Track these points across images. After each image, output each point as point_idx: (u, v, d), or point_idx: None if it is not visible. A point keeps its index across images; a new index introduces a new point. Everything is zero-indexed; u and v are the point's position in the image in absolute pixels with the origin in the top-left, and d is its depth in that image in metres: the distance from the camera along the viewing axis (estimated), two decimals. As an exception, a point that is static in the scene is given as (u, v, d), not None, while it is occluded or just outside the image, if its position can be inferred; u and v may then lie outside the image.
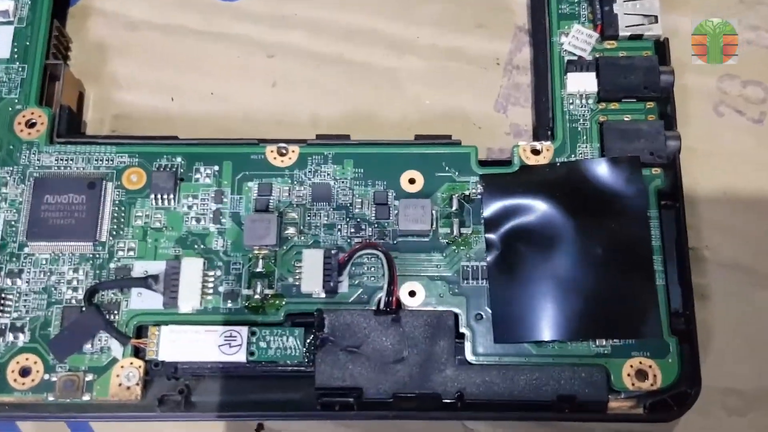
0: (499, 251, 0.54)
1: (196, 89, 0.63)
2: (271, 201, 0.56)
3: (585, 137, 0.57)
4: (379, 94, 0.63)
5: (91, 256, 0.55)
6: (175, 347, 0.52)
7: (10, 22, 0.60)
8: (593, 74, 0.58)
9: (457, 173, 0.57)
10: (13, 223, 0.55)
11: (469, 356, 0.52)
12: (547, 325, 0.52)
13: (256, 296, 0.54)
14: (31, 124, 0.58)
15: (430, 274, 0.54)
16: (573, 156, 0.57)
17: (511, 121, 0.63)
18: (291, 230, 0.55)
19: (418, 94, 0.63)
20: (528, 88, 0.64)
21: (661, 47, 0.58)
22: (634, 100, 0.57)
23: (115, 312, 0.54)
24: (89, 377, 0.52)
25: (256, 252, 0.55)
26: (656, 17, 0.58)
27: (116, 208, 0.56)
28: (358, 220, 0.56)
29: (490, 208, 0.55)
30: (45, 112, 0.58)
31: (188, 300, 0.53)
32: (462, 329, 0.53)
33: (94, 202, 0.55)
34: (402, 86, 0.63)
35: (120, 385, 0.52)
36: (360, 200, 0.56)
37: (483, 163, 0.57)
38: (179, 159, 0.57)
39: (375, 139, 0.58)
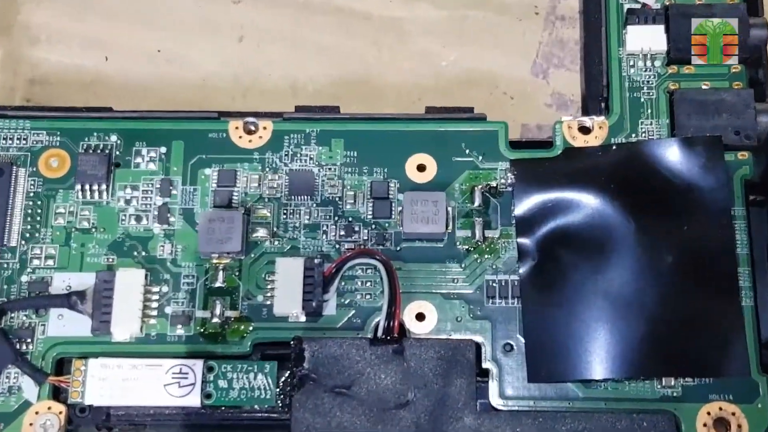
0: (535, 261, 0.54)
1: (138, 46, 0.64)
2: (235, 194, 0.56)
3: (650, 111, 0.58)
4: (380, 53, 0.63)
5: (-3, 265, 0.54)
6: (107, 387, 0.52)
7: None
8: (661, 27, 0.58)
9: (480, 158, 0.57)
10: None
11: (495, 400, 0.53)
12: (597, 360, 0.52)
13: (215, 320, 0.54)
14: None
15: (444, 292, 0.55)
16: (634, 136, 0.57)
17: (554, 88, 0.64)
18: (261, 232, 0.55)
19: (431, 52, 0.63)
20: (576, 46, 0.64)
21: (751, -7, 0.58)
22: (715, 62, 0.58)
23: (29, 340, 0.54)
24: (-6, 426, 0.52)
25: (215, 261, 0.55)
26: (745, -48, 0.58)
27: (30, 203, 0.56)
28: (350, 219, 0.56)
29: (525, 205, 0.55)
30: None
31: (125, 325, 0.53)
32: (486, 364, 0.53)
33: (1, 194, 0.55)
34: (410, 42, 0.64)
35: (35, 435, 0.52)
36: (353, 193, 0.56)
37: (515, 145, 0.57)
38: (114, 138, 0.57)
39: (373, 112, 0.58)
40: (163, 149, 0.57)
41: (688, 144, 0.55)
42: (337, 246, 0.55)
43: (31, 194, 0.56)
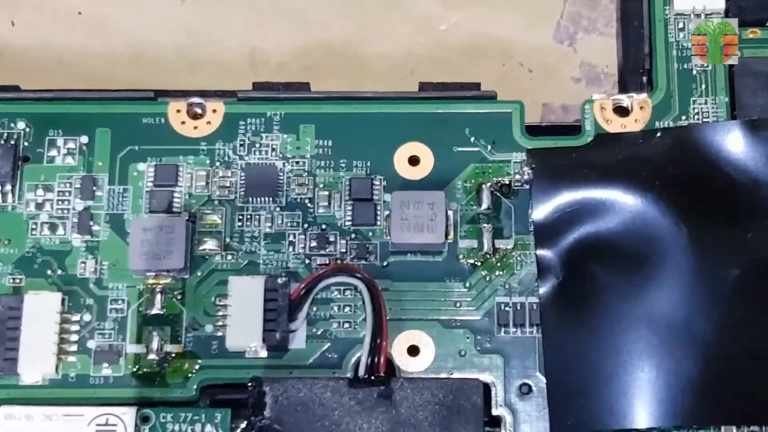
0: (559, 279, 0.53)
1: (52, 6, 0.63)
2: (176, 196, 0.55)
3: (704, 86, 0.56)
4: (362, 15, 0.63)
5: None
6: (14, 442, 0.52)
7: None
8: (718, -21, 0.58)
9: (490, 147, 0.56)
10: None
11: (510, 456, 0.52)
12: (638, 404, 0.51)
13: (152, 356, 0.53)
14: None
15: (443, 318, 0.53)
16: (684, 118, 0.56)
17: (582, 58, 0.63)
18: (210, 244, 0.54)
19: (427, 13, 0.63)
20: (611, 4, 0.63)
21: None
22: None
23: None
24: None
25: (152, 282, 0.54)
26: None
27: None
28: (324, 227, 0.55)
29: (546, 207, 0.54)
30: None
31: (36, 363, 0.52)
32: (497, 410, 0.52)
33: None
34: (401, 1, 0.63)
35: None
36: (327, 193, 0.55)
37: (534, 131, 0.56)
38: (21, 125, 0.56)
39: (353, 90, 0.58)
40: (85, 139, 0.56)
41: (753, 128, 0.54)
42: (307, 261, 0.54)
43: None
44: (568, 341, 0.52)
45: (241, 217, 0.55)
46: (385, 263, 0.54)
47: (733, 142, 0.54)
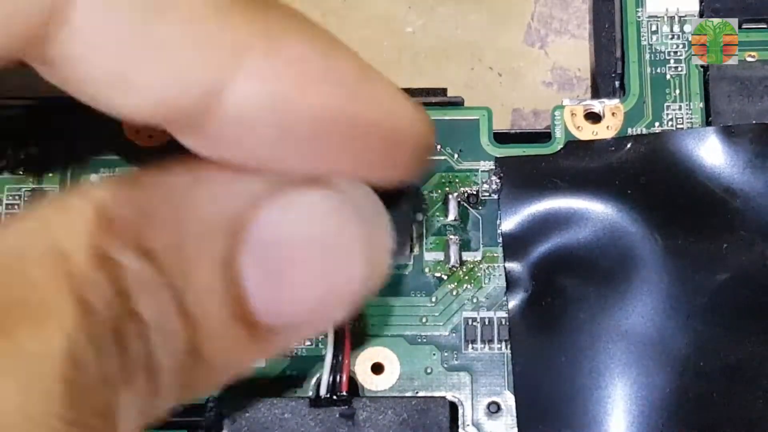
0: (528, 293, 0.53)
1: None
2: None
3: (678, 91, 0.56)
4: (323, 18, 0.62)
5: None
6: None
7: None
8: (692, -20, 0.57)
9: (456, 156, 0.55)
10: None
11: (478, 477, 0.52)
12: (613, 422, 0.51)
13: None
14: None
15: (408, 334, 0.53)
16: (657, 125, 0.55)
17: (554, 62, 0.62)
18: None
19: (392, 16, 0.62)
20: (583, 5, 0.63)
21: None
22: (764, 26, 0.56)
23: None
24: None
25: None
26: None
27: None
28: None
29: (515, 218, 0.53)
30: None
31: None
32: (464, 430, 0.52)
33: None
34: (364, 3, 0.63)
35: None
36: None
37: (503, 138, 0.56)
38: None
39: None
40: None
41: (729, 135, 0.54)
42: (265, 275, 0.52)
43: None
44: (538, 357, 0.52)
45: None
46: (346, 277, 0.53)
47: (708, 150, 0.53)
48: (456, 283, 0.53)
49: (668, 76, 0.56)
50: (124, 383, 0.30)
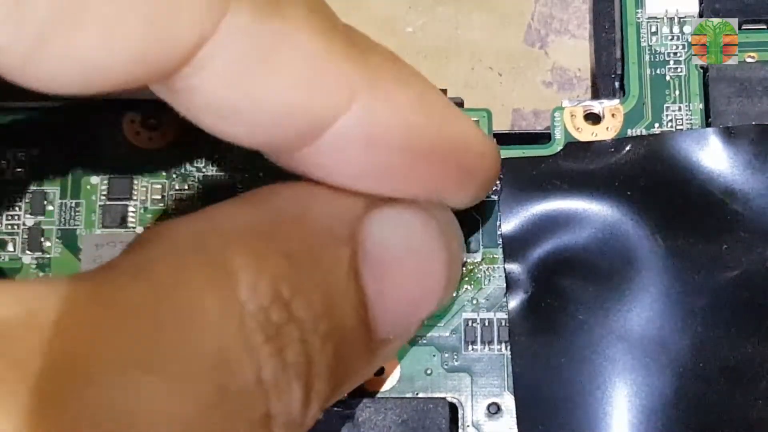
0: (528, 294, 0.53)
1: None
2: (131, 210, 0.55)
3: (678, 92, 0.55)
4: None
5: None
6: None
7: None
8: (691, -19, 0.57)
9: None
10: None
11: (477, 478, 0.52)
12: (613, 423, 0.51)
13: None
14: None
15: None
16: (657, 125, 0.55)
17: (554, 62, 0.62)
18: None
19: (392, 16, 0.62)
20: (583, 5, 0.63)
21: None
22: (764, 26, 0.56)
23: None
24: None
25: None
26: None
27: None
28: None
29: (514, 219, 0.53)
30: None
31: None
32: (465, 431, 0.52)
33: None
34: (363, 3, 0.63)
35: None
36: None
37: (503, 139, 0.55)
38: None
39: None
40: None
41: (729, 136, 0.54)
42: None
43: None
44: (537, 359, 0.52)
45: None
46: (346, 278, 0.53)
47: (708, 151, 0.53)
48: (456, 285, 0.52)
49: (668, 77, 0.55)
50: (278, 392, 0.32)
